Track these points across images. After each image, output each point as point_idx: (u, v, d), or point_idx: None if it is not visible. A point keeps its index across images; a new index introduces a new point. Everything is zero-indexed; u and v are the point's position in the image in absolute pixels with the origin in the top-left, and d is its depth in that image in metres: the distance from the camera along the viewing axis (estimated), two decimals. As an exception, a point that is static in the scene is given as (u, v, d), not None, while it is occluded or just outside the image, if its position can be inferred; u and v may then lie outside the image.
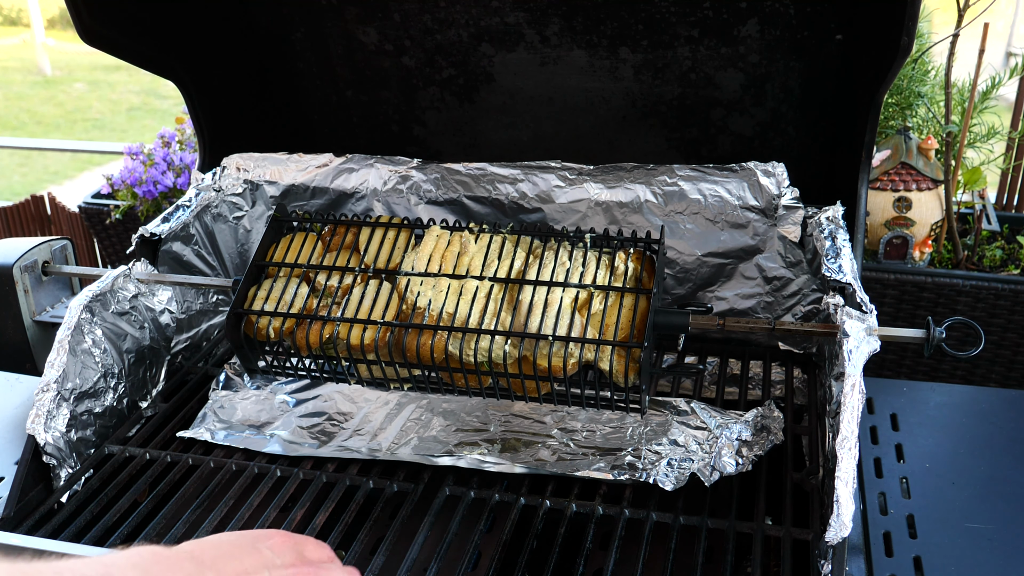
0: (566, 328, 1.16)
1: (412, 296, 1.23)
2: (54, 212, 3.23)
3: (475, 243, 1.26)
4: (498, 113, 1.62)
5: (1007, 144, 2.36)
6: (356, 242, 1.34)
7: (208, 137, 1.65)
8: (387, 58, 1.60)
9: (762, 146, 1.52)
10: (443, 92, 1.62)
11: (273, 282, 1.31)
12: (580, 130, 1.59)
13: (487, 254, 1.24)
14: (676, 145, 1.56)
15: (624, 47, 1.45)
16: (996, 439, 1.33)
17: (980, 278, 2.05)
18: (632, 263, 1.21)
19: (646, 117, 1.55)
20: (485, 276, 1.22)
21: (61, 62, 8.63)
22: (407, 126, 1.70)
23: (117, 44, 1.47)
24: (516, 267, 1.24)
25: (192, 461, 1.29)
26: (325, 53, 1.64)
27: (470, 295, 1.21)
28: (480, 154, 1.67)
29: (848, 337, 1.10)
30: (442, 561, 1.08)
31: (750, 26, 1.39)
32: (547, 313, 1.17)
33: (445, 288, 1.22)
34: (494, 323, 1.20)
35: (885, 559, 1.12)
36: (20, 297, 1.63)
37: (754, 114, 1.50)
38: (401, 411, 1.38)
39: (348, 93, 1.69)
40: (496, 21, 1.47)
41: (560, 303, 1.18)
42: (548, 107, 1.58)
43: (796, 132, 1.50)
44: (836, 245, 1.26)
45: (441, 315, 1.19)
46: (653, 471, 1.19)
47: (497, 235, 1.28)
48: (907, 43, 1.13)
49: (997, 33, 2.52)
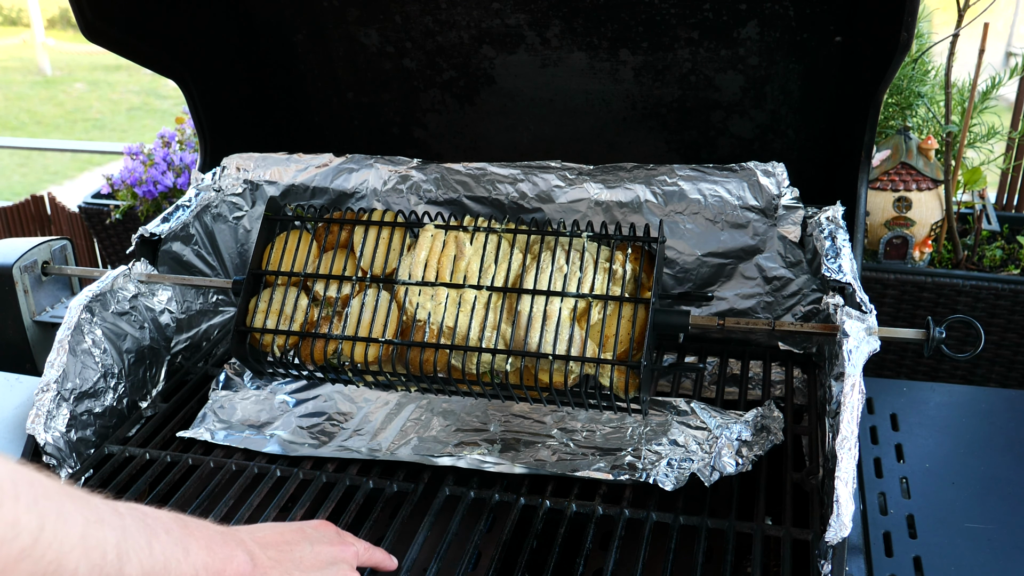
0: (566, 342, 1.17)
1: (411, 307, 1.24)
2: (54, 212, 3.23)
3: (471, 244, 1.25)
4: (498, 115, 1.62)
5: (1007, 144, 2.36)
6: (351, 241, 1.33)
7: (209, 137, 1.65)
8: (388, 60, 1.60)
9: (762, 148, 1.53)
10: (444, 94, 1.62)
11: (272, 291, 1.31)
12: (580, 132, 1.59)
13: (484, 256, 1.24)
14: (676, 148, 1.57)
15: (624, 49, 1.45)
16: (996, 439, 1.33)
17: (980, 278, 2.05)
18: (631, 264, 1.20)
19: (646, 119, 1.55)
20: (483, 285, 1.22)
21: (61, 62, 8.63)
22: (407, 128, 1.70)
23: (120, 42, 1.47)
24: (514, 269, 1.24)
25: (192, 461, 1.29)
26: (326, 55, 1.64)
27: (469, 305, 1.22)
28: (480, 157, 1.67)
29: (848, 337, 1.10)
30: (442, 561, 1.08)
31: (750, 28, 1.39)
32: (546, 327, 1.18)
33: (444, 299, 1.23)
34: (494, 336, 1.21)
35: (885, 559, 1.12)
36: (20, 297, 1.64)
37: (754, 116, 1.50)
38: (401, 411, 1.38)
39: (349, 95, 1.69)
40: (497, 23, 1.47)
41: (559, 314, 1.18)
42: (548, 109, 1.58)
43: (796, 135, 1.50)
44: (836, 245, 1.26)
45: (441, 328, 1.21)
46: (653, 471, 1.19)
47: (493, 234, 1.26)
48: (907, 39, 1.13)
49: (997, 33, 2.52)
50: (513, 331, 1.20)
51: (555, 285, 1.20)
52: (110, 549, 0.68)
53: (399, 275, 1.27)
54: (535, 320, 1.19)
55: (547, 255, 1.23)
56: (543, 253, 1.24)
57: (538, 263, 1.22)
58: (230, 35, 1.66)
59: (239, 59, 1.69)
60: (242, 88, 1.72)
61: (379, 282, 1.27)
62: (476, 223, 1.27)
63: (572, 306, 1.20)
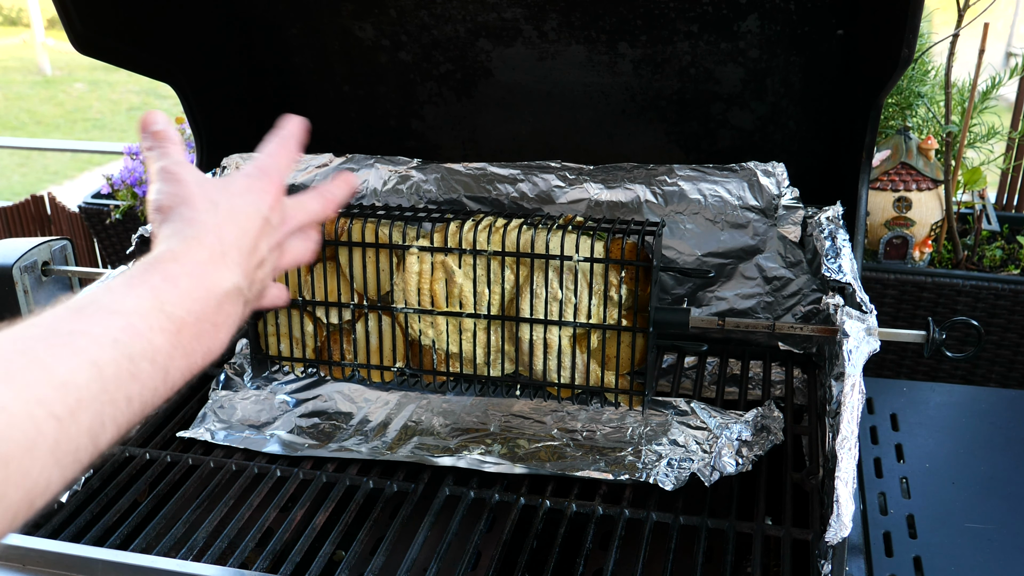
0: (569, 368, 1.22)
1: (414, 332, 1.27)
2: (54, 212, 3.23)
3: (459, 268, 1.23)
4: (497, 107, 1.61)
5: (1007, 144, 2.36)
6: (337, 259, 1.29)
7: (205, 138, 1.65)
8: (384, 53, 1.59)
9: (763, 140, 1.52)
10: (441, 87, 1.62)
11: (276, 314, 1.33)
12: (579, 124, 1.59)
13: (475, 279, 1.22)
14: (676, 139, 1.56)
15: (623, 42, 1.45)
16: (996, 439, 1.33)
17: (980, 278, 2.05)
18: (626, 286, 1.20)
19: (645, 111, 1.54)
20: (480, 314, 1.23)
21: (61, 62, 8.63)
22: (405, 120, 1.69)
23: (112, 51, 1.46)
24: (508, 290, 1.23)
25: (192, 461, 1.29)
26: (321, 48, 1.64)
27: (470, 333, 1.25)
28: (479, 148, 1.66)
29: (848, 337, 1.10)
30: (442, 561, 1.08)
31: (750, 21, 1.39)
32: (548, 354, 1.22)
33: (444, 327, 1.25)
34: (500, 357, 1.26)
35: (885, 559, 1.12)
36: (20, 297, 1.63)
37: (754, 108, 1.49)
38: (401, 411, 1.38)
39: (345, 88, 1.68)
40: (493, 17, 1.46)
41: (559, 341, 1.22)
42: (547, 101, 1.57)
43: (797, 126, 1.49)
44: (836, 245, 1.26)
45: (448, 353, 1.26)
46: (653, 471, 1.19)
47: (481, 257, 1.21)
48: (907, 55, 1.13)
49: (997, 33, 2.52)
50: (517, 353, 1.24)
51: (552, 311, 1.20)
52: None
53: (394, 299, 1.26)
54: (536, 346, 1.22)
55: (539, 275, 1.21)
56: (535, 274, 1.21)
57: (531, 286, 1.21)
58: (222, 33, 1.65)
59: (233, 56, 1.69)
60: (237, 85, 1.71)
61: (378, 309, 1.28)
62: (460, 244, 1.22)
63: (571, 332, 1.22)
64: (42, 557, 1.01)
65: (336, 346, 1.33)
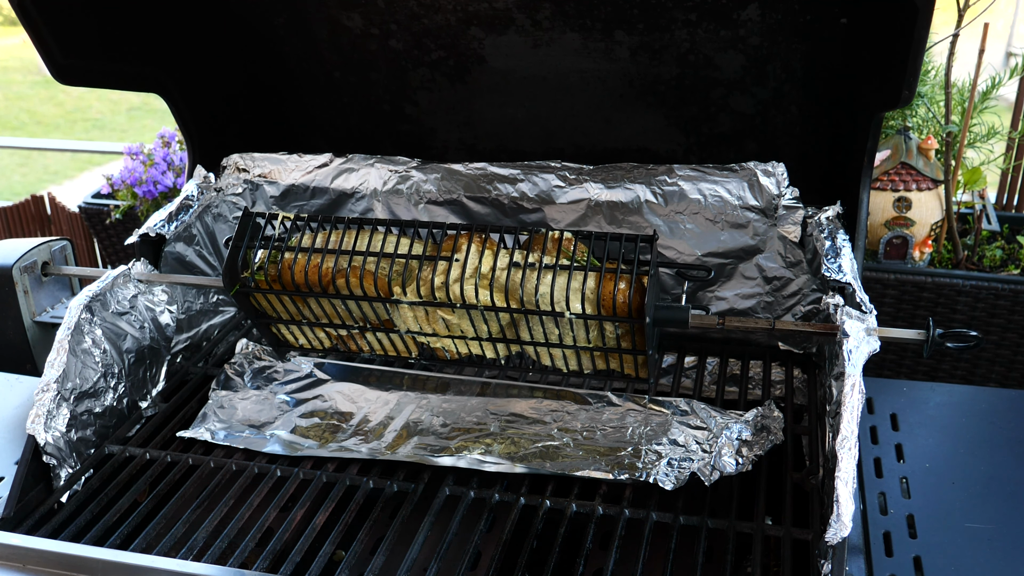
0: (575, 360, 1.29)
1: (421, 339, 1.33)
2: (54, 212, 3.23)
3: (454, 314, 1.26)
4: (491, 93, 1.60)
5: (1007, 144, 2.36)
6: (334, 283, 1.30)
7: (196, 140, 1.63)
8: (374, 41, 1.58)
9: (764, 124, 1.50)
10: (434, 73, 1.60)
11: (288, 326, 1.40)
12: (576, 109, 1.58)
13: (471, 319, 1.26)
14: (675, 122, 1.54)
15: (619, 30, 1.43)
16: (996, 439, 1.33)
17: (980, 278, 2.05)
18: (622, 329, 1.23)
19: (644, 95, 1.53)
20: (481, 337, 1.29)
21: (61, 62, 8.61)
22: (399, 105, 1.68)
23: (97, 73, 1.44)
24: (504, 323, 1.27)
25: (192, 461, 1.29)
26: (310, 37, 1.62)
27: (476, 343, 1.31)
28: (475, 131, 1.65)
29: (848, 337, 1.10)
30: (442, 561, 1.08)
31: (751, 10, 1.37)
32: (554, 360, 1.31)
33: (450, 342, 1.32)
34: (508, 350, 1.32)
35: (885, 559, 1.12)
36: (20, 298, 1.63)
37: (755, 93, 1.47)
38: (401, 411, 1.38)
39: (336, 75, 1.67)
40: (484, 6, 1.45)
41: (563, 352, 1.28)
42: (542, 87, 1.56)
43: (799, 110, 1.47)
44: (836, 245, 1.26)
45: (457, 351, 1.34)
46: (653, 471, 1.19)
47: (475, 311, 1.24)
48: (907, 96, 1.15)
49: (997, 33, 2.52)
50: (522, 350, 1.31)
51: (551, 336, 1.27)
52: None
53: (396, 325, 1.33)
54: (542, 354, 1.30)
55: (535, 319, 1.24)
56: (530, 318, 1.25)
57: (528, 326, 1.25)
58: (209, 28, 1.64)
59: (221, 51, 1.67)
60: (226, 81, 1.70)
61: (382, 330, 1.34)
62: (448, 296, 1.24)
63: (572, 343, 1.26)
64: (42, 557, 1.01)
65: (351, 342, 1.39)
